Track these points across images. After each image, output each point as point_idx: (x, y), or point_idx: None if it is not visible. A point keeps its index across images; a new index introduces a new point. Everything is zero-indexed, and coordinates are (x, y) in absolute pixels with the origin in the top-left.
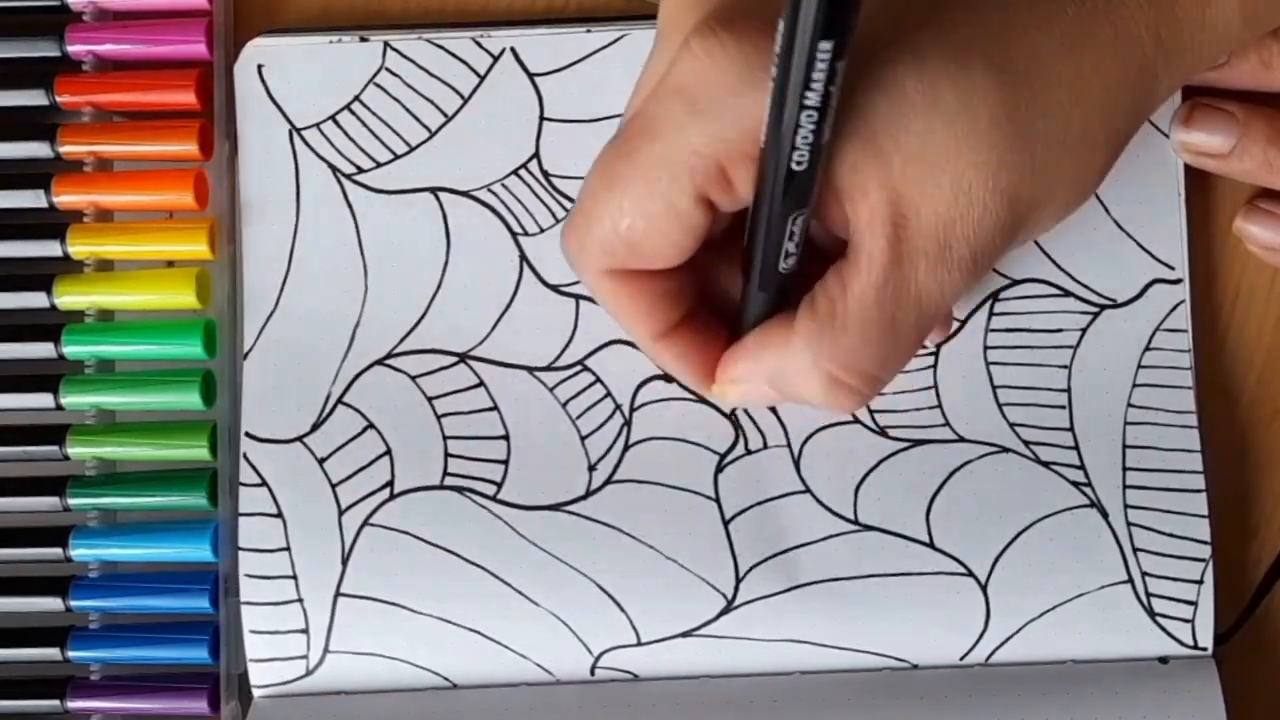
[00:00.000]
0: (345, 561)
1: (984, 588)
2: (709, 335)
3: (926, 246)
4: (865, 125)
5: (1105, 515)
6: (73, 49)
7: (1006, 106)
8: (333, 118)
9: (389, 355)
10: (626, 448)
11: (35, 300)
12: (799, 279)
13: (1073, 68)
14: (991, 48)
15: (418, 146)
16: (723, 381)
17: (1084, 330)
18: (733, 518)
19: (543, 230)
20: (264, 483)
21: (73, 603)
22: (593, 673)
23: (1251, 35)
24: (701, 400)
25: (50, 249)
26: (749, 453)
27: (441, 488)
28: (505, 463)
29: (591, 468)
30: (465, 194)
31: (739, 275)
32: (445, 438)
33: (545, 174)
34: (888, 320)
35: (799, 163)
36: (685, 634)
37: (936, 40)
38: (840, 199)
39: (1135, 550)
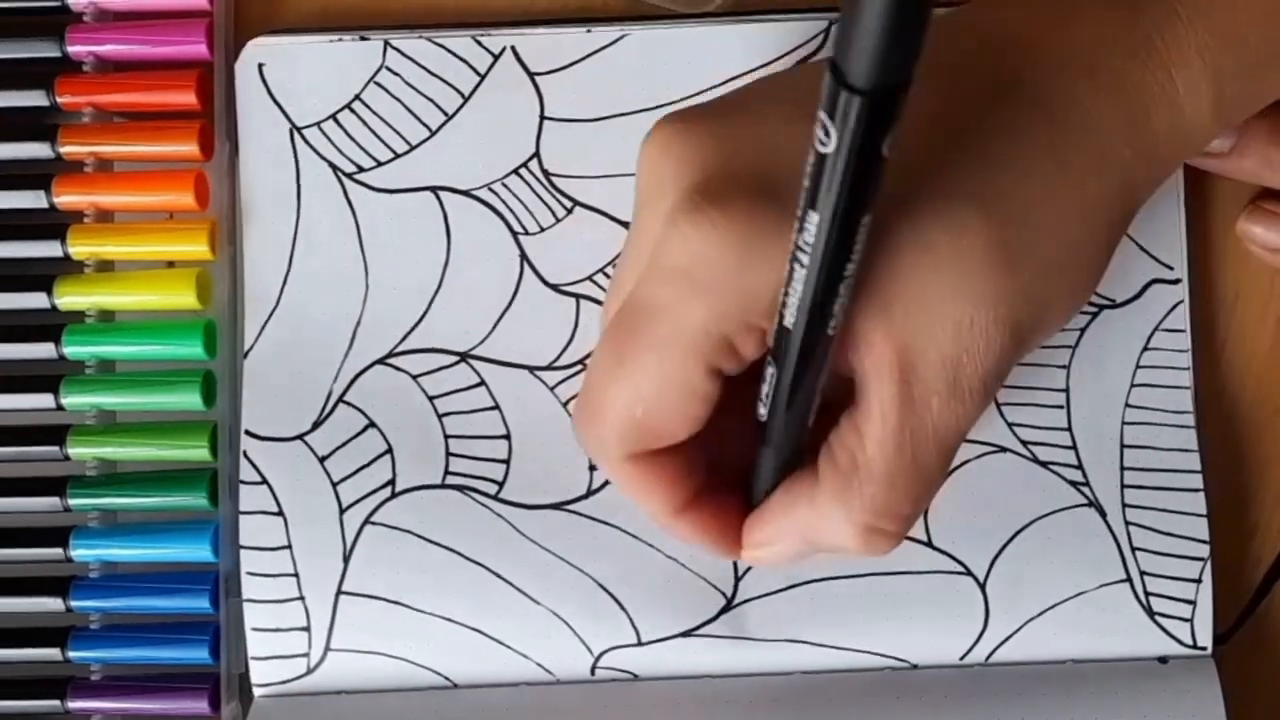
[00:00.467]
0: (347, 560)
1: (983, 587)
2: (722, 502)
3: (937, 386)
4: (866, 276)
5: (1103, 515)
6: (73, 49)
7: (996, 239)
8: (333, 116)
9: (390, 354)
10: None
11: (35, 300)
12: (808, 430)
13: (1056, 192)
14: (975, 185)
15: (418, 145)
16: (750, 546)
17: (1083, 330)
18: None
19: (543, 229)
20: (264, 480)
21: (73, 603)
22: (593, 672)
23: (1223, 128)
24: None
25: (50, 249)
26: None
27: (443, 486)
28: (506, 462)
29: (592, 467)
30: (466, 193)
31: (742, 437)
32: (446, 437)
33: (546, 173)
34: (910, 463)
35: (833, 329)
36: (685, 634)
37: (923, 186)
38: (844, 348)
39: (1134, 549)
